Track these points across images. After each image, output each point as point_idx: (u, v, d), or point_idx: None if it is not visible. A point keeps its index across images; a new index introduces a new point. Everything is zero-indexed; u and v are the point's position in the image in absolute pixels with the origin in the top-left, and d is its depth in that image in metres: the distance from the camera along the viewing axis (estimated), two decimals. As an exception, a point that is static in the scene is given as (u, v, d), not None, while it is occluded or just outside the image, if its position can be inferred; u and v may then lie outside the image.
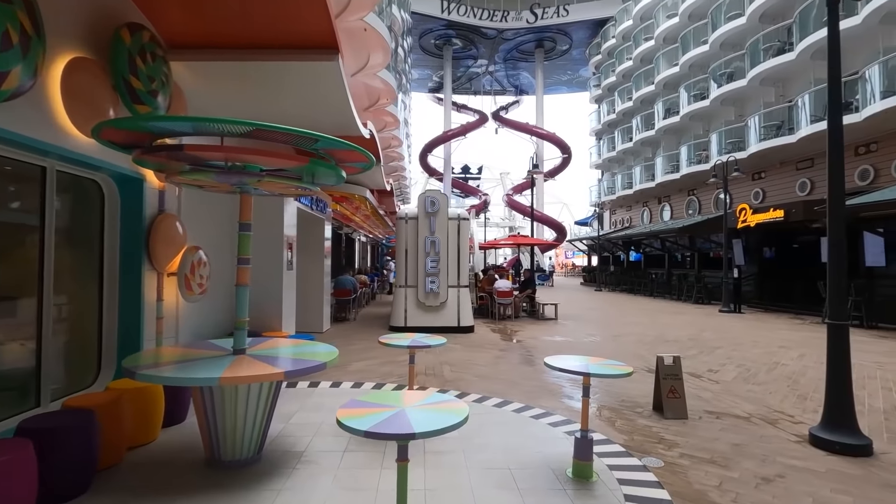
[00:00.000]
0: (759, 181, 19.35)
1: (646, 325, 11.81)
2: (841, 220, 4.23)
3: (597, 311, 15.14)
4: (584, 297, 20.95)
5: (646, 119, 26.35)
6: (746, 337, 9.86)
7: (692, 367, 7.06)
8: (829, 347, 4.19)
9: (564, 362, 3.67)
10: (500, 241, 13.74)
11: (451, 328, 10.27)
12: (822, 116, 15.15)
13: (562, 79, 41.73)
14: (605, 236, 25.71)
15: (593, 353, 8.12)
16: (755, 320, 12.83)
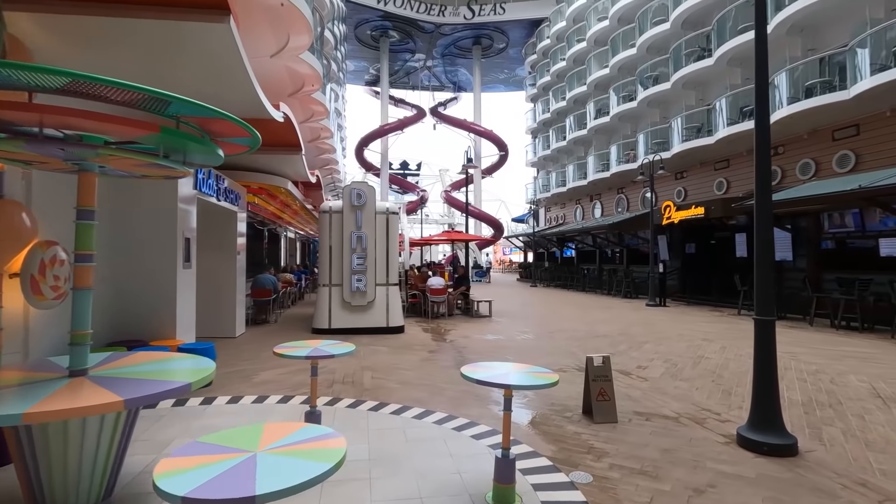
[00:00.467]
0: (681, 180, 20.28)
1: (578, 320, 11.81)
2: (769, 220, 4.08)
3: (531, 307, 15.09)
4: (519, 294, 21.01)
5: (578, 119, 26.96)
6: (672, 330, 10.03)
7: (622, 363, 6.93)
8: (756, 344, 4.04)
9: (485, 372, 3.20)
10: (435, 238, 13.31)
11: (379, 329, 9.64)
12: (737, 120, 16.02)
13: (499, 77, 42.04)
14: (539, 233, 26.05)
15: (526, 352, 7.83)
16: (679, 313, 13.26)
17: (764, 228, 4.05)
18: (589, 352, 7.69)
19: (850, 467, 3.51)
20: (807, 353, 7.60)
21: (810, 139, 14.56)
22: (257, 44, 10.06)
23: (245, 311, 10.69)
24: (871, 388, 5.52)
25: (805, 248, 12.51)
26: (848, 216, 11.24)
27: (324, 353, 3.71)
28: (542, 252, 30.22)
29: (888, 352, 7.69)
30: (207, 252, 8.71)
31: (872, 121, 12.80)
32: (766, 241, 4.04)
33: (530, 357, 7.43)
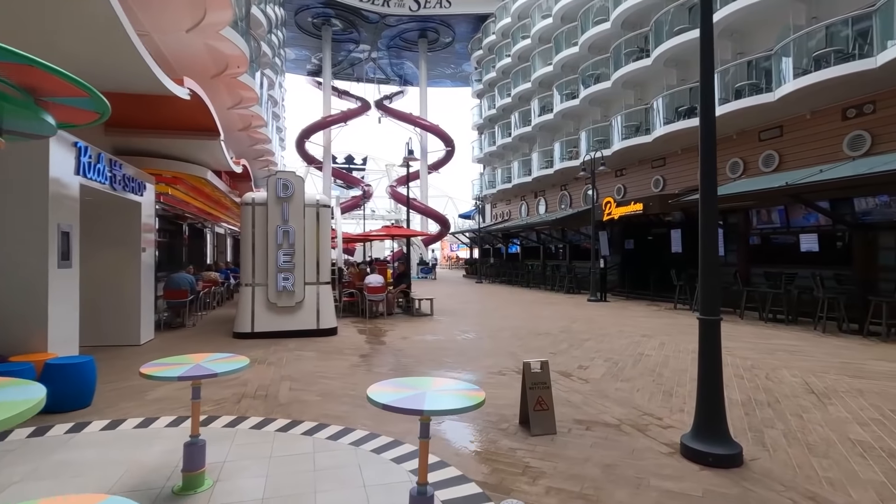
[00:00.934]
0: (621, 178, 20.68)
1: (521, 317, 11.54)
2: (714, 217, 3.79)
3: (475, 305, 14.73)
4: (464, 290, 20.68)
5: (523, 115, 26.98)
6: (613, 326, 9.94)
7: (563, 363, 6.61)
8: (700, 345, 3.74)
9: (397, 392, 2.63)
10: (373, 233, 12.60)
11: (309, 331, 8.85)
12: (672, 119, 16.41)
13: (445, 72, 41.55)
14: (485, 229, 25.86)
15: (466, 353, 7.35)
16: (619, 308, 13.34)
17: (709, 227, 3.76)
18: (531, 351, 7.39)
19: (797, 477, 3.25)
20: (740, 347, 7.63)
21: (739, 139, 15.13)
22: (168, 15, 8.94)
23: (158, 314, 9.57)
24: (804, 384, 5.48)
25: (735, 244, 12.92)
26: (774, 213, 11.67)
27: (205, 372, 3.00)
28: (488, 248, 30.15)
29: (813, 343, 7.88)
30: (103, 248, 7.59)
31: (794, 123, 13.41)
32: (711, 239, 3.75)
33: (470, 359, 6.97)
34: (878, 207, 9.66)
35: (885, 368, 6.14)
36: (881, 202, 9.58)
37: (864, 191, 9.46)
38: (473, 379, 5.88)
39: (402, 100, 42.38)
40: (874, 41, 10.72)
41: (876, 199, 9.65)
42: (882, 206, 9.58)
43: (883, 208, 9.61)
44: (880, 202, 9.59)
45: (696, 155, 15.36)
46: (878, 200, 9.63)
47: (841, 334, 8.69)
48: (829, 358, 6.78)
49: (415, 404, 2.39)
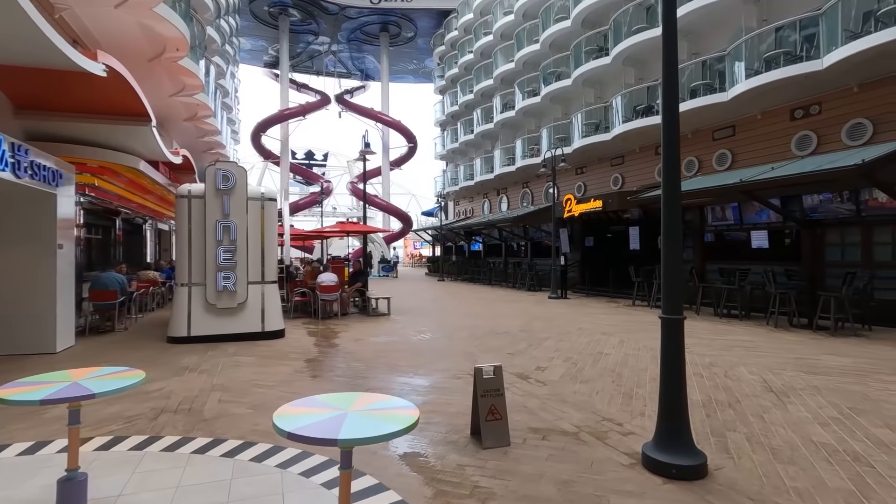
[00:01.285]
0: (581, 175, 20.76)
1: (481, 316, 11.21)
2: (677, 215, 3.49)
3: (435, 303, 14.33)
4: (425, 288, 20.25)
5: (486, 112, 26.77)
6: (572, 324, 9.75)
7: (521, 365, 6.29)
8: (663, 346, 3.44)
9: (312, 414, 2.17)
10: (327, 230, 11.95)
11: (252, 335, 8.20)
12: (631, 117, 16.51)
13: (408, 67, 40.92)
14: (447, 226, 25.50)
15: (420, 355, 6.92)
16: (579, 305, 13.24)
17: (672, 224, 3.46)
18: (489, 352, 7.04)
19: (764, 488, 3.00)
20: (698, 344, 7.54)
21: (694, 138, 15.35)
22: (91, -14, 8.08)
23: (83, 318, 8.66)
24: (763, 381, 5.35)
25: (691, 241, 13.05)
26: (729, 210, 11.83)
27: (81, 393, 2.43)
28: (451, 246, 29.83)
29: (766, 339, 7.90)
30: (11, 245, 6.71)
31: (746, 123, 13.70)
32: (674, 236, 3.45)
33: (424, 361, 6.54)
34: (823, 204, 9.88)
35: (837, 363, 6.13)
36: (825, 199, 9.80)
37: (812, 188, 9.65)
38: (426, 384, 5.46)
39: (363, 95, 41.49)
40: (821, 44, 10.99)
41: (821, 197, 9.86)
42: (826, 202, 9.80)
43: (827, 204, 9.84)
44: (824, 199, 9.81)
45: (653, 153, 15.78)
46: (822, 198, 9.85)
47: (792, 329, 8.80)
48: (784, 354, 6.76)
49: (329, 431, 1.94)
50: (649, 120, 15.62)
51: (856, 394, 4.85)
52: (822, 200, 9.82)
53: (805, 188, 9.68)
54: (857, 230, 9.45)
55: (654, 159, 16.82)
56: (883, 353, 6.79)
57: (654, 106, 15.89)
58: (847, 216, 9.50)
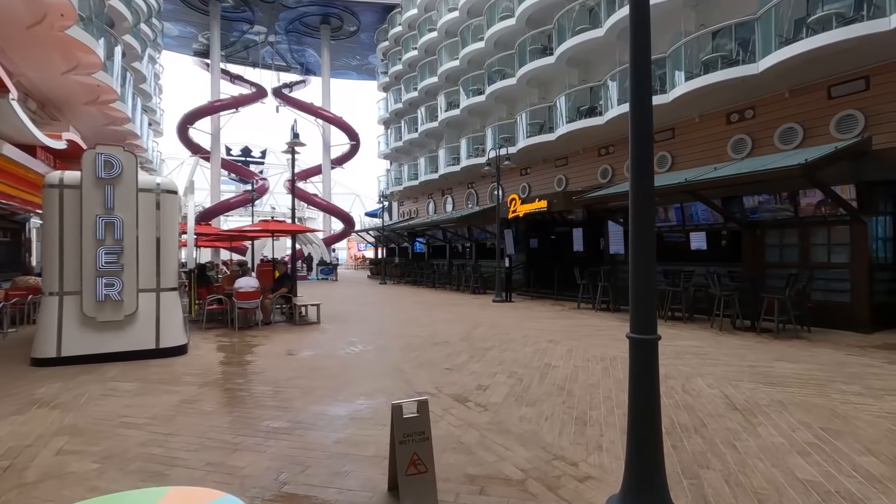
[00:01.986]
0: (525, 176, 20.41)
1: (420, 323, 10.29)
2: (649, 216, 2.75)
3: (372, 308, 13.24)
4: (364, 292, 19.07)
5: (430, 110, 25.96)
6: (517, 330, 9.05)
7: (460, 383, 5.42)
8: (632, 374, 2.67)
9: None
10: (247, 229, 10.55)
11: (144, 352, 6.81)
12: (574, 118, 16.26)
13: (351, 63, 39.31)
14: (388, 227, 24.38)
15: (344, 374, 5.87)
16: (524, 308, 12.65)
17: (643, 226, 2.71)
18: (424, 367, 6.12)
19: (762, 560, 2.29)
20: (648, 351, 7.02)
21: (635, 140, 15.30)
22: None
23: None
24: (724, 397, 4.80)
25: (635, 242, 12.83)
26: (671, 211, 11.65)
27: None
28: (394, 247, 28.74)
29: (715, 344, 7.54)
30: None
31: (685, 125, 13.74)
32: (647, 240, 2.71)
33: (346, 382, 5.52)
34: (762, 205, 9.81)
35: (792, 372, 5.75)
36: (764, 200, 9.74)
37: (756, 188, 9.53)
38: (343, 414, 4.46)
39: (304, 90, 39.50)
40: (757, 48, 11.03)
41: (760, 198, 9.79)
42: (765, 203, 9.74)
43: (766, 206, 9.78)
44: (764, 200, 9.75)
45: (596, 154, 15.33)
46: (762, 199, 9.78)
47: (736, 331, 8.56)
48: (736, 361, 6.34)
49: None
50: (592, 121, 15.42)
51: (823, 409, 4.37)
52: (762, 202, 9.74)
53: (749, 188, 9.55)
54: (794, 232, 9.42)
55: (598, 160, 16.69)
56: (829, 356, 6.54)
57: (597, 107, 15.73)
58: (786, 218, 9.45)
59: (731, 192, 10.00)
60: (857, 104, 10.35)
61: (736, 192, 9.98)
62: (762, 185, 9.30)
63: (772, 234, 9.81)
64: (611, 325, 9.49)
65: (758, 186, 9.36)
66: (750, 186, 9.39)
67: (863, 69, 10.22)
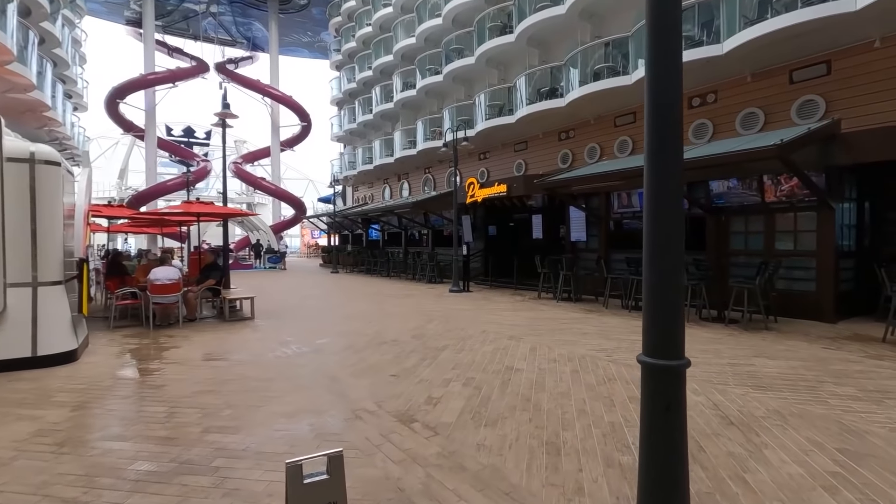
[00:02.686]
0: (484, 161, 19.56)
1: (369, 317, 9.24)
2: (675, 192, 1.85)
3: (319, 301, 12.02)
4: (313, 282, 17.73)
5: (385, 91, 24.54)
6: (475, 325, 8.19)
7: (405, 396, 4.45)
8: (646, 416, 1.78)
9: None
10: (167, 211, 9.02)
11: (15, 362, 5.42)
12: (535, 100, 15.49)
13: (302, 40, 36.93)
14: (341, 213, 22.92)
15: (266, 385, 4.74)
16: (482, 299, 11.82)
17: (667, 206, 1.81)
18: (365, 374, 4.98)
19: None
20: (618, 349, 6.33)
21: (596, 124, 14.72)
22: None
23: None
24: (714, 407, 4.10)
25: (596, 229, 12.24)
26: (634, 196, 11.10)
27: None
28: (347, 235, 27.30)
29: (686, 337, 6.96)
30: None
31: (641, 110, 13.27)
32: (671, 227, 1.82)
33: (264, 399, 4.43)
34: (731, 191, 9.37)
35: (776, 371, 5.17)
36: (733, 186, 9.28)
37: (726, 171, 9.01)
38: (248, 447, 3.39)
39: (251, 67, 36.84)
40: (721, 29, 10.61)
41: (729, 183, 9.33)
42: (734, 189, 9.29)
43: (735, 191, 9.33)
44: (733, 186, 9.29)
45: (556, 139, 14.49)
46: (730, 184, 9.32)
47: (703, 322, 8.06)
48: (713, 358, 5.72)
49: None
50: (553, 103, 14.71)
51: (828, 422, 3.72)
52: (731, 187, 9.28)
53: (719, 171, 9.02)
54: (760, 218, 9.01)
55: (558, 145, 16.04)
56: (806, 351, 6.06)
57: (558, 89, 15.04)
58: (752, 204, 9.02)
59: (702, 176, 9.48)
60: (818, 89, 10.07)
61: (704, 176, 9.48)
62: (733, 168, 8.80)
63: (737, 220, 9.39)
64: (574, 318, 8.80)
65: (729, 169, 8.85)
66: (720, 169, 8.88)
67: (824, 53, 9.93)
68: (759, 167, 8.53)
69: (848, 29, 9.10)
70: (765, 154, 6.85)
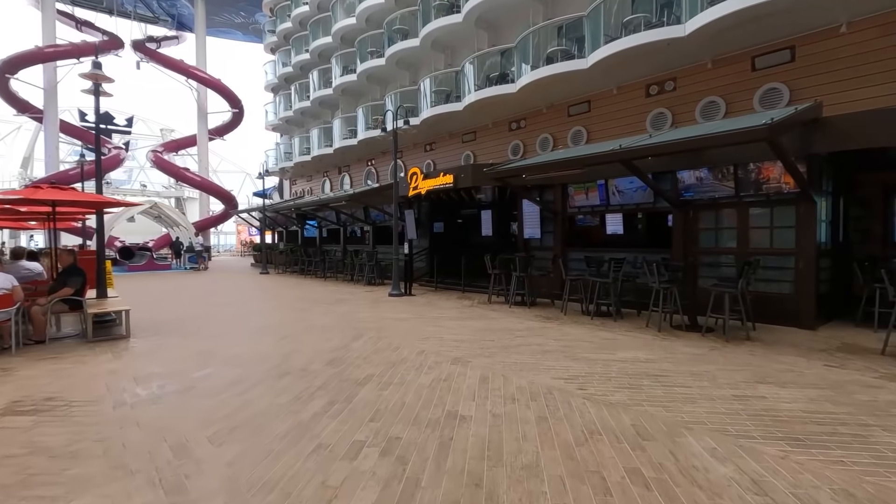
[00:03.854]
0: (430, 152, 17.99)
1: (282, 332, 7.36)
2: None
3: (229, 309, 9.92)
4: (234, 285, 15.40)
5: (324, 75, 22.32)
6: (412, 341, 6.55)
7: (280, 485, 2.73)
8: None
9: None
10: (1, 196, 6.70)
11: None
12: (484, 86, 14.08)
13: (235, 20, 33.59)
14: (271, 207, 20.47)
15: (61, 457, 2.81)
16: (426, 305, 10.20)
17: None
18: (231, 439, 2.83)
19: None
20: (591, 375, 4.91)
21: (549, 113, 13.55)
22: None
23: None
24: (753, 486, 2.69)
25: (551, 224, 10.95)
26: (597, 189, 9.86)
27: None
28: (282, 231, 24.79)
29: (662, 352, 5.69)
30: None
31: (602, 98, 12.21)
32: None
33: (36, 500, 2.56)
34: (702, 181, 8.28)
35: (797, 407, 3.91)
36: (705, 176, 8.20)
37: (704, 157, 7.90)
38: None
39: (177, 48, 33.13)
40: (684, 8, 9.60)
41: (700, 173, 8.25)
42: (705, 179, 8.21)
43: (705, 182, 8.26)
44: (705, 176, 8.21)
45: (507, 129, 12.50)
46: (702, 174, 8.24)
47: (676, 332, 6.88)
48: (712, 388, 4.42)
49: None
50: (503, 88, 13.35)
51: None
52: (702, 177, 8.20)
53: (689, 159, 7.91)
54: (732, 212, 7.99)
55: (508, 135, 14.74)
56: (811, 372, 4.92)
57: (509, 74, 13.69)
58: (723, 196, 7.98)
59: (670, 166, 8.35)
60: (782, 77, 9.29)
61: (673, 166, 8.35)
62: (714, 155, 7.70)
63: (706, 215, 8.33)
64: (531, 328, 7.37)
65: (711, 155, 7.75)
66: (699, 155, 7.77)
67: (788, 39, 9.15)
68: (735, 155, 7.48)
69: (813, 13, 8.32)
70: (754, 135, 5.69)
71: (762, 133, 5.63)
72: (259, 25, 32.88)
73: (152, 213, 21.62)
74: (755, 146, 6.37)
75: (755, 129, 5.66)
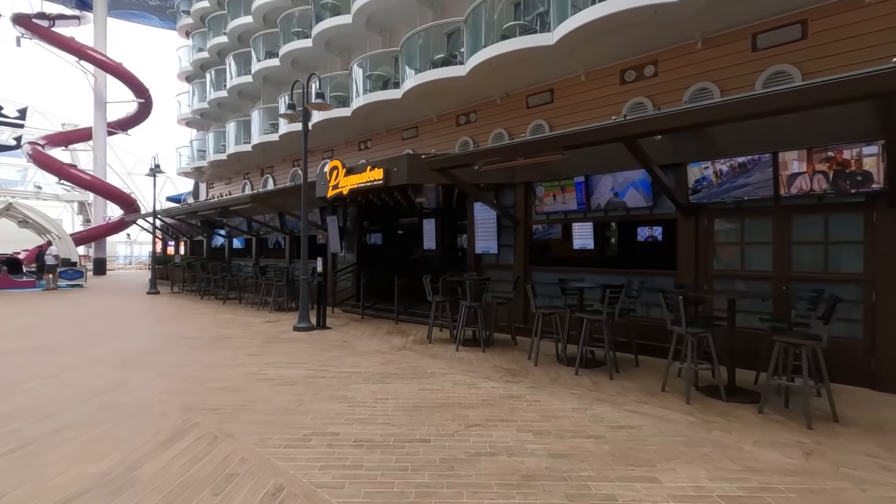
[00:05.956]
0: (365, 151, 15.07)
1: (36, 427, 4.07)
2: None
3: (37, 357, 6.33)
4: (88, 313, 11.50)
5: (244, 61, 18.81)
6: (272, 454, 3.56)
7: None
8: None
9: None
10: None
11: None
12: (426, 68, 11.43)
13: (150, 3, 28.99)
14: (164, 213, 16.36)
15: None
16: (339, 347, 7.11)
17: None
18: None
19: None
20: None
21: (504, 105, 11.11)
22: None
23: None
24: None
25: (512, 236, 8.25)
26: (571, 191, 7.28)
27: None
28: (186, 241, 20.62)
29: (725, 462, 3.08)
30: None
31: (567, 86, 9.98)
32: None
33: None
34: (726, 176, 5.90)
35: None
36: (724, 172, 5.82)
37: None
38: None
39: (77, 29, 27.92)
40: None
41: (719, 167, 5.86)
42: (725, 175, 5.84)
43: (727, 178, 5.89)
44: (723, 172, 5.83)
45: (454, 123, 8.87)
46: (721, 169, 5.85)
47: (716, 404, 4.33)
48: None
49: None
50: (450, 71, 10.76)
51: None
52: (722, 173, 5.80)
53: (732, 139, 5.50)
54: (767, 220, 5.65)
55: (456, 131, 12.14)
56: None
57: (457, 56, 11.14)
58: (757, 199, 5.62)
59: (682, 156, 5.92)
60: (790, 57, 7.31)
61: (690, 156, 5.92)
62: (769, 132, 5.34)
63: (727, 223, 5.97)
64: (490, 400, 4.55)
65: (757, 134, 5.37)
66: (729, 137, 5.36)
67: (799, 12, 7.23)
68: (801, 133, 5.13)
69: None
70: (874, 84, 3.27)
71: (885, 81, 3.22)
72: (174, 8, 28.54)
73: (15, 217, 16.92)
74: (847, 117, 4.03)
75: (878, 76, 3.25)
